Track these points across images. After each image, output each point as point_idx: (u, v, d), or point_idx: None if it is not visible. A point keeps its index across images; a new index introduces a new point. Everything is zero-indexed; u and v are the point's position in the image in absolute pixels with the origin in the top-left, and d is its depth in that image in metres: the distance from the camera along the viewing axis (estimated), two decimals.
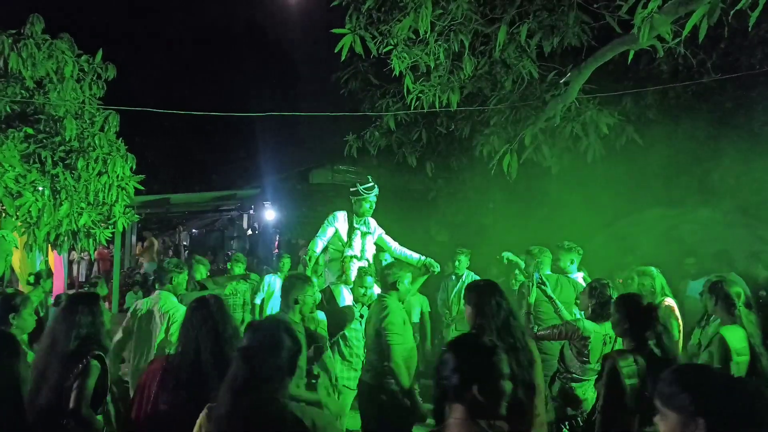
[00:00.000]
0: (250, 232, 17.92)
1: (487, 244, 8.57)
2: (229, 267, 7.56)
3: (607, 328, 3.80)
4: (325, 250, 5.17)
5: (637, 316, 3.12)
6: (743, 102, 8.28)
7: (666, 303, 4.77)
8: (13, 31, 6.05)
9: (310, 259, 4.89)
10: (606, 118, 6.28)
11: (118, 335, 4.36)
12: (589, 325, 3.77)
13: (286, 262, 7.61)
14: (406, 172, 10.28)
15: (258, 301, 7.35)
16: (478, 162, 8.03)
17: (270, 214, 15.49)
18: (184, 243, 19.48)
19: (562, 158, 6.90)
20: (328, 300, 4.75)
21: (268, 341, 2.09)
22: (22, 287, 8.52)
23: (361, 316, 4.57)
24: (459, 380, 1.87)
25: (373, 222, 5.31)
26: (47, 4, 7.64)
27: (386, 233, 5.51)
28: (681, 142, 8.02)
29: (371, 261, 5.24)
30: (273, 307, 7.37)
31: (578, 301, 4.55)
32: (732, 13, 4.16)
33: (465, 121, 7.69)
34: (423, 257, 5.20)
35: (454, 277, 6.86)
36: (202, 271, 5.86)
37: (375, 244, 5.39)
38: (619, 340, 3.95)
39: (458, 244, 7.32)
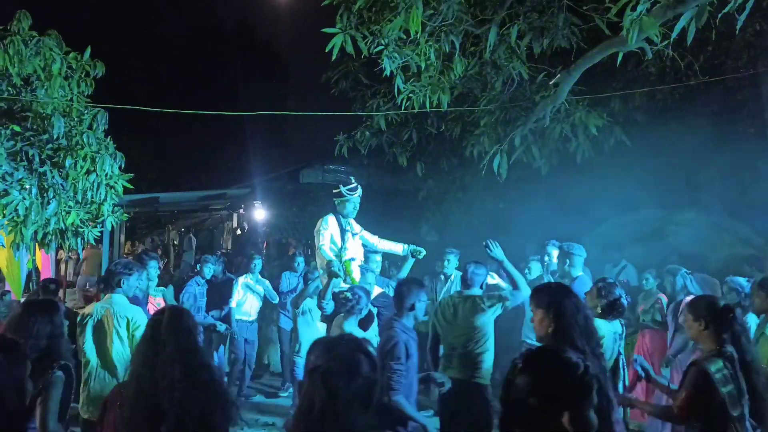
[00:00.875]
0: (239, 231, 17.85)
1: (477, 245, 8.59)
2: (198, 268, 7.52)
3: (615, 326, 3.85)
4: (319, 255, 5.13)
5: (716, 318, 3.02)
6: (729, 104, 8.39)
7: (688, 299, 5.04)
8: (0, 28, 5.98)
9: (340, 269, 4.75)
10: (595, 119, 6.34)
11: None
12: (601, 324, 3.76)
13: (258, 263, 7.56)
14: (396, 173, 10.31)
15: (233, 304, 7.25)
16: (468, 162, 8.07)
17: (260, 213, 15.43)
18: (174, 242, 19.37)
19: (551, 159, 6.95)
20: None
21: (345, 363, 1.79)
22: (10, 287, 8.44)
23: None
24: (545, 406, 1.55)
25: (353, 222, 5.31)
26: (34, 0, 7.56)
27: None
28: (668, 144, 8.10)
29: (363, 261, 5.26)
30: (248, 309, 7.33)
31: None
32: (719, 16, 4.21)
33: (455, 122, 7.72)
34: (406, 245, 5.34)
35: (442, 277, 6.88)
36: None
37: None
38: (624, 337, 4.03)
39: (448, 245, 7.35)
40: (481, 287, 4.46)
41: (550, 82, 6.00)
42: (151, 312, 4.51)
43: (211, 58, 22.67)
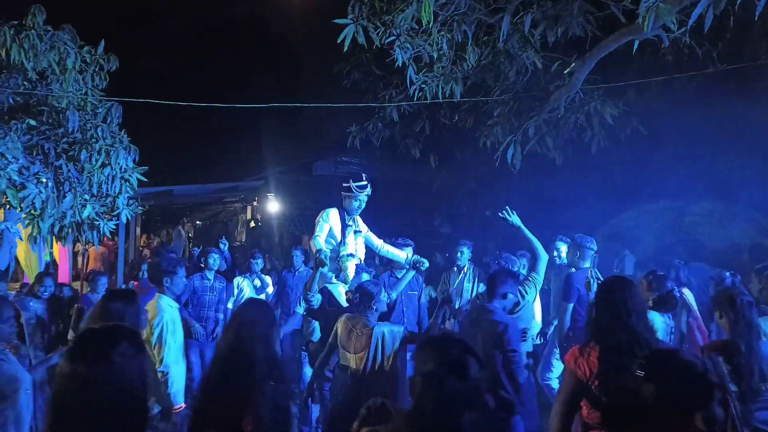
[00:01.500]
0: (252, 224, 17.94)
1: (490, 237, 8.56)
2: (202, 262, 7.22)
3: (667, 318, 3.84)
4: (312, 244, 5.09)
5: (722, 308, 3.20)
6: (748, 93, 8.22)
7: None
8: (15, 22, 6.02)
9: (326, 257, 4.67)
10: (610, 108, 6.26)
11: None
12: (655, 317, 3.74)
13: (258, 262, 7.39)
14: (409, 164, 10.26)
15: (230, 305, 7.01)
16: (481, 153, 8.01)
17: (273, 205, 15.50)
18: (189, 234, 19.54)
19: (566, 150, 6.89)
20: (329, 301, 4.71)
21: (457, 368, 1.81)
22: (29, 279, 8.57)
23: None
24: (678, 411, 1.63)
25: (359, 220, 5.25)
26: None
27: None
28: (685, 133, 7.97)
29: (362, 260, 5.18)
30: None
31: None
32: (738, 3, 4.13)
33: (468, 113, 7.67)
34: (410, 255, 5.27)
35: (456, 268, 6.84)
36: None
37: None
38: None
39: (461, 236, 7.32)
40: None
41: (565, 72, 5.92)
42: None
43: (223, 51, 22.73)
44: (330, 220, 5.06)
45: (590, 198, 8.45)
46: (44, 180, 5.86)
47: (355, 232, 5.13)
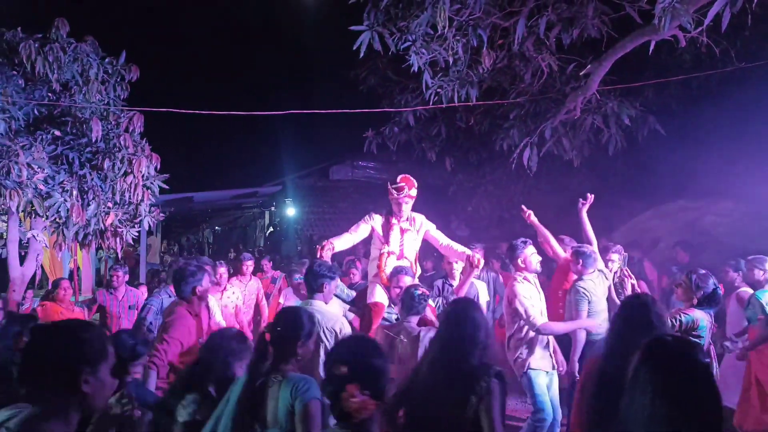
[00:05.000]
0: (271, 229, 18.08)
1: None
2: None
3: (709, 316, 3.90)
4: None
5: None
6: (767, 90, 8.11)
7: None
8: (39, 35, 6.18)
9: (323, 248, 4.45)
10: (627, 109, 6.24)
11: None
12: (699, 314, 3.83)
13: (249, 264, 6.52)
14: (425, 167, 10.30)
15: None
16: (497, 156, 8.02)
17: (291, 210, 15.63)
18: (209, 240, 19.75)
19: (582, 151, 6.87)
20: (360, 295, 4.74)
21: None
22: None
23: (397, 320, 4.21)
24: None
25: (419, 219, 4.90)
26: (71, 6, 7.77)
27: None
28: (704, 132, 7.90)
29: (412, 260, 4.80)
30: None
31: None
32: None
33: (484, 116, 7.68)
34: (468, 251, 4.77)
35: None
36: None
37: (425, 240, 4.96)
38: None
39: (478, 239, 7.32)
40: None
41: (581, 73, 5.91)
42: None
43: (241, 59, 22.98)
44: (372, 220, 4.87)
45: (609, 198, 8.39)
46: (69, 189, 5.99)
47: (403, 230, 4.86)
